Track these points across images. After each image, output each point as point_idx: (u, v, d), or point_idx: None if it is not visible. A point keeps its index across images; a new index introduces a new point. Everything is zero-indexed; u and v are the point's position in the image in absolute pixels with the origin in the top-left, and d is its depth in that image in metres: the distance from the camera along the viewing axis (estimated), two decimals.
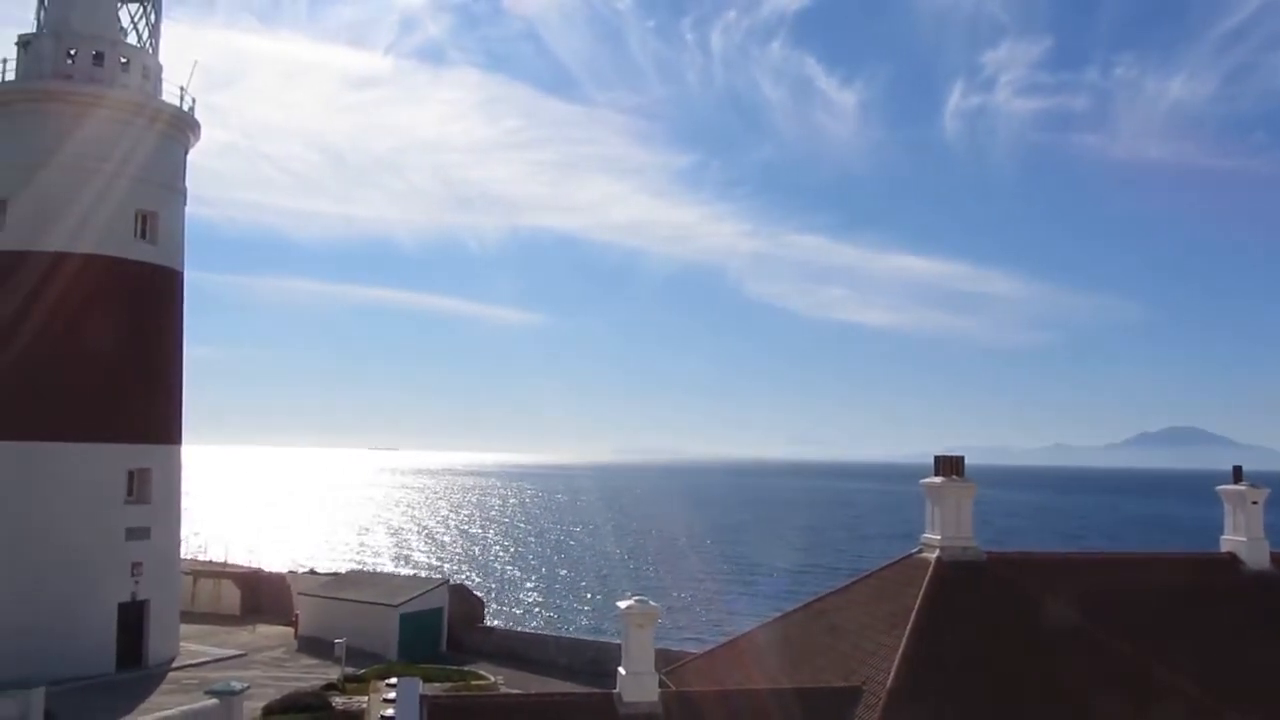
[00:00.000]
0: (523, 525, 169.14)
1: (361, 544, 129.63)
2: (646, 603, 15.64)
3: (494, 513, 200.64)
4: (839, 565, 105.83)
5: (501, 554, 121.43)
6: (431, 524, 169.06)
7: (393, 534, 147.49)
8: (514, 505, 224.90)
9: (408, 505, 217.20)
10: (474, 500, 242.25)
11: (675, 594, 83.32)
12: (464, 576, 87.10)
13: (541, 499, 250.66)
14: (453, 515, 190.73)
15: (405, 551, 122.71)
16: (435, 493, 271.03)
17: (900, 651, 15.05)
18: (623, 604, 15.62)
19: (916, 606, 15.79)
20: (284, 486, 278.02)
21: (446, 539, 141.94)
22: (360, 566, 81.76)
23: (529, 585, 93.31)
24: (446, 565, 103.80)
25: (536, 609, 79.58)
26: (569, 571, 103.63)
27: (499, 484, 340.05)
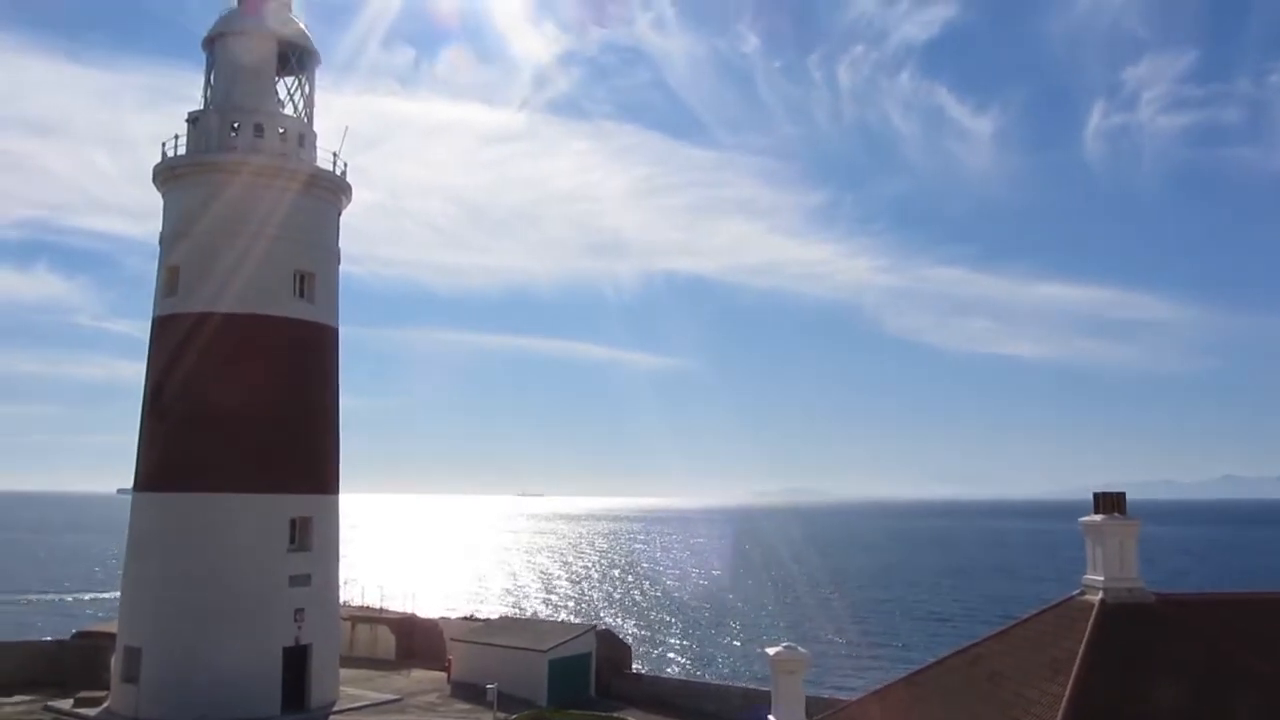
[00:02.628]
0: (665, 570, 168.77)
1: (509, 589, 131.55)
2: (795, 649, 15.46)
3: (636, 557, 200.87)
4: (991, 609, 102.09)
5: (644, 599, 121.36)
6: (576, 569, 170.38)
7: (539, 579, 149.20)
8: (656, 550, 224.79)
9: (552, 550, 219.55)
10: (616, 545, 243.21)
11: (822, 639, 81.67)
12: (609, 622, 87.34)
13: (682, 543, 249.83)
14: (596, 560, 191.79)
15: (552, 597, 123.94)
16: (578, 538, 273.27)
17: (1066, 699, 14.43)
18: (771, 650, 15.48)
19: (1081, 652, 15.11)
20: (435, 533, 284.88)
21: (590, 584, 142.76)
22: (509, 612, 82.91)
23: (674, 630, 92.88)
24: (592, 611, 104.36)
25: (682, 655, 79.11)
26: (713, 616, 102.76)
27: (640, 528, 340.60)
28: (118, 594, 40.63)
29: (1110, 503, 16.48)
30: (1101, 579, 16.19)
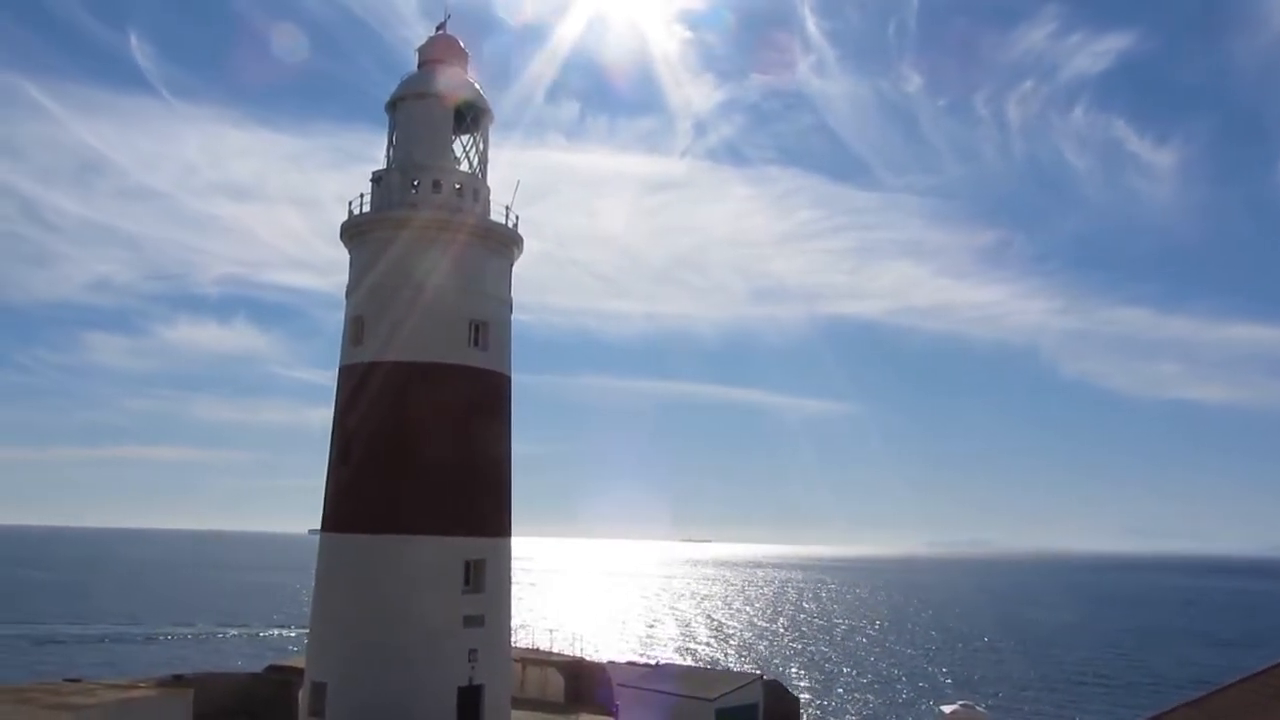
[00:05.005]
0: (830, 621, 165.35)
1: (674, 635, 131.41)
2: (973, 708, 15.03)
3: (801, 607, 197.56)
4: (1182, 675, 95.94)
5: (810, 650, 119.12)
6: (741, 617, 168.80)
7: (704, 626, 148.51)
8: (821, 600, 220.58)
9: (717, 598, 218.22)
10: (781, 594, 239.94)
11: (998, 698, 78.36)
12: (775, 672, 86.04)
13: (848, 593, 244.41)
14: (761, 609, 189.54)
15: (717, 645, 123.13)
16: (743, 585, 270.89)
17: None
18: (947, 708, 15.09)
19: None
20: (602, 577, 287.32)
21: (755, 633, 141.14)
22: (675, 658, 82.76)
23: (841, 684, 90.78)
24: (757, 660, 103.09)
25: (851, 709, 77.19)
26: (882, 671, 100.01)
27: (805, 577, 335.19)
28: (307, 630, 42.59)
29: None
30: None
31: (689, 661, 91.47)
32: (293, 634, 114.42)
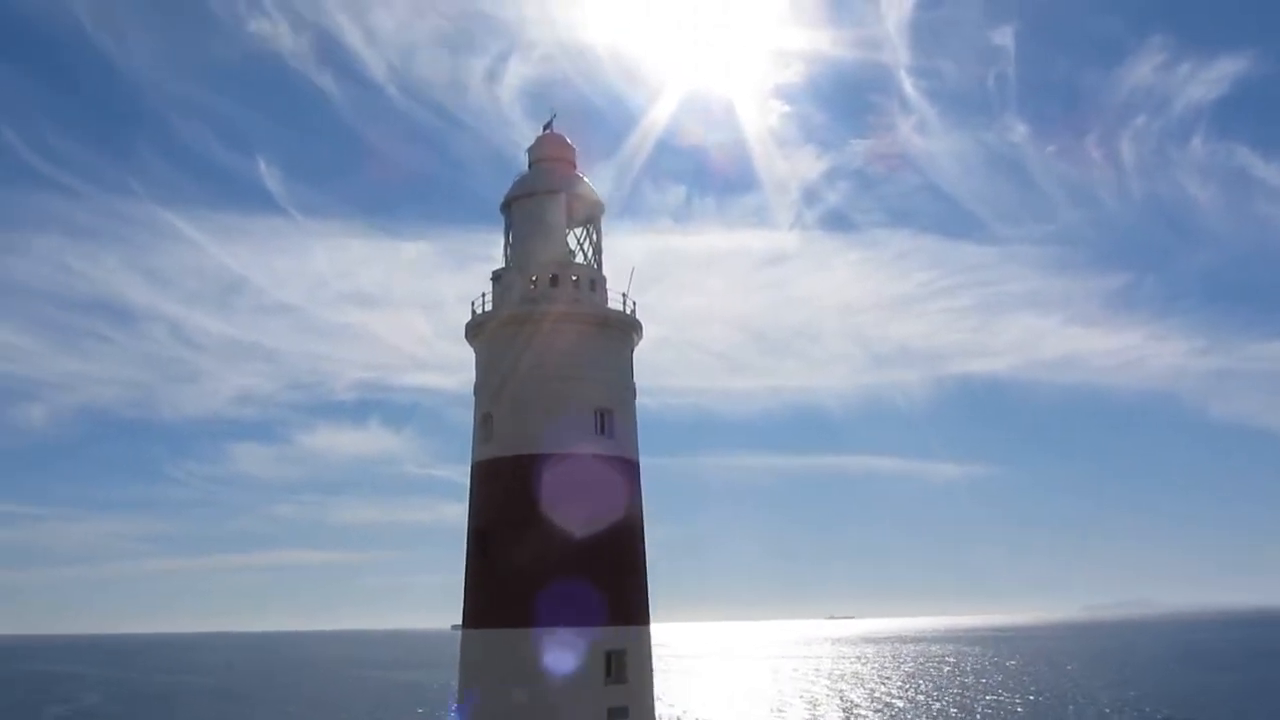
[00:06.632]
0: (976, 695, 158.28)
1: (814, 717, 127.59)
2: None
3: (944, 682, 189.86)
4: None
5: None
6: (879, 696, 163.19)
7: (840, 708, 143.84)
8: (966, 673, 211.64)
9: (856, 676, 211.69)
10: (924, 669, 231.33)
11: None
12: None
13: (996, 665, 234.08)
14: (900, 685, 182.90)
15: None
16: (884, 662, 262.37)
17: None
18: None
19: None
20: (744, 660, 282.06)
21: (893, 713, 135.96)
22: None
23: None
24: None
25: None
26: None
27: (950, 650, 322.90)
28: None
29: None
30: None
31: None
32: None
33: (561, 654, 37.93)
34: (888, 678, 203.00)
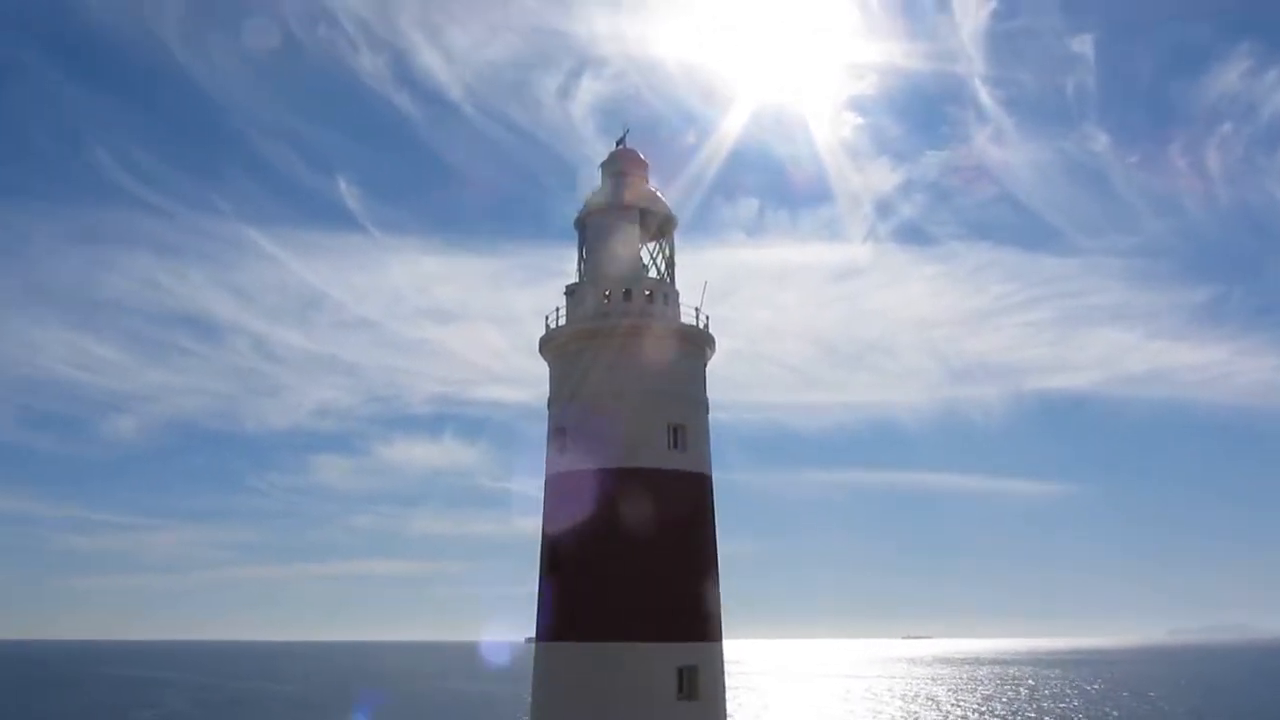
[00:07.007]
0: None
1: None
2: None
3: (1020, 706, 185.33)
4: None
5: None
6: (960, 719, 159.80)
7: None
8: (1043, 697, 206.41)
9: (929, 698, 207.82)
10: (1000, 692, 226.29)
11: None
12: None
13: (1076, 689, 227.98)
14: (974, 708, 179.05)
15: None
16: (959, 684, 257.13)
17: None
18: None
19: None
20: (817, 679, 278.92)
21: None
22: None
23: None
24: None
25: None
26: None
27: (1030, 672, 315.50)
28: None
29: None
30: None
31: None
32: None
33: (633, 669, 37.87)
34: (963, 700, 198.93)
